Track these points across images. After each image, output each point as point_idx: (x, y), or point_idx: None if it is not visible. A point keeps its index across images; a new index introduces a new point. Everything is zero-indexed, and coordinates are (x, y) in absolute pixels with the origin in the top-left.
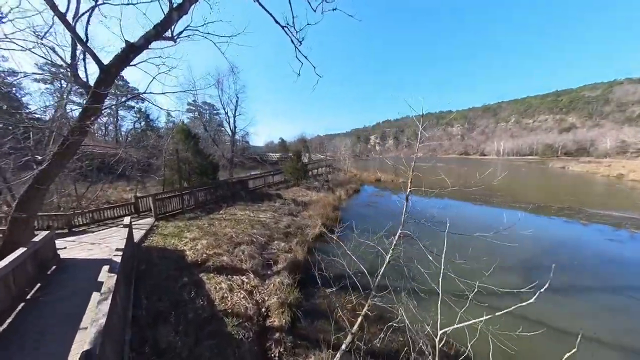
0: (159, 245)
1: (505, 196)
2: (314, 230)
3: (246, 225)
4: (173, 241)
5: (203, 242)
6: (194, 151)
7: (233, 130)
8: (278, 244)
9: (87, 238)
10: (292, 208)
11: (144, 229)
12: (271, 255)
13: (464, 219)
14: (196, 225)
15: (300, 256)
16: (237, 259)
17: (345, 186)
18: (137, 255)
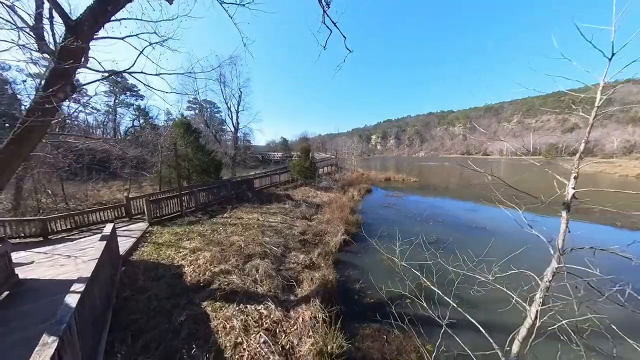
0: (151, 258)
1: (522, 198)
2: (336, 238)
3: (256, 232)
4: (169, 253)
5: (206, 254)
6: (195, 147)
7: (236, 126)
8: (296, 255)
9: (63, 249)
10: (305, 210)
11: (135, 236)
12: (291, 272)
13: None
14: (197, 231)
15: (329, 274)
16: (250, 278)
17: (356, 186)
18: (122, 275)
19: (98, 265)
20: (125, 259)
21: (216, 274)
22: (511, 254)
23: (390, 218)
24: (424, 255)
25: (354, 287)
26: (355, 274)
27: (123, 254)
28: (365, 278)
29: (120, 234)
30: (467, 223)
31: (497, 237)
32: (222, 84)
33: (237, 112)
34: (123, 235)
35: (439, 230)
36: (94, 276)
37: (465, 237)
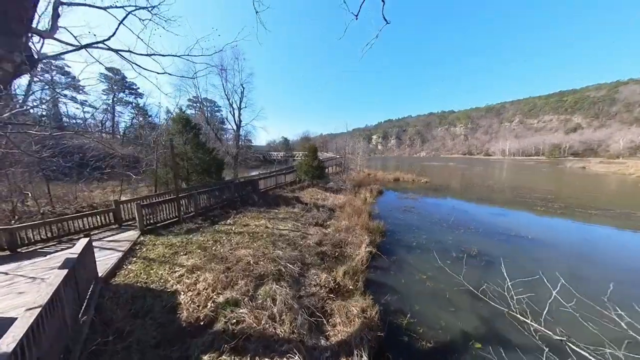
0: (139, 281)
1: (566, 201)
2: (361, 250)
3: (265, 242)
4: (161, 273)
5: (207, 276)
6: (194, 144)
7: (238, 124)
8: (317, 274)
9: (30, 267)
10: (317, 215)
11: (121, 249)
12: (315, 300)
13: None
14: (197, 242)
15: (367, 306)
16: (265, 314)
17: (366, 187)
18: (96, 308)
19: (48, 308)
20: (106, 282)
21: (221, 305)
22: (582, 271)
23: (414, 224)
24: (468, 272)
25: (400, 323)
26: (395, 301)
27: (103, 275)
28: (411, 308)
29: (103, 247)
30: (503, 231)
31: (551, 250)
32: (224, 79)
33: (239, 109)
34: (107, 248)
35: (475, 239)
36: (36, 327)
37: (511, 249)
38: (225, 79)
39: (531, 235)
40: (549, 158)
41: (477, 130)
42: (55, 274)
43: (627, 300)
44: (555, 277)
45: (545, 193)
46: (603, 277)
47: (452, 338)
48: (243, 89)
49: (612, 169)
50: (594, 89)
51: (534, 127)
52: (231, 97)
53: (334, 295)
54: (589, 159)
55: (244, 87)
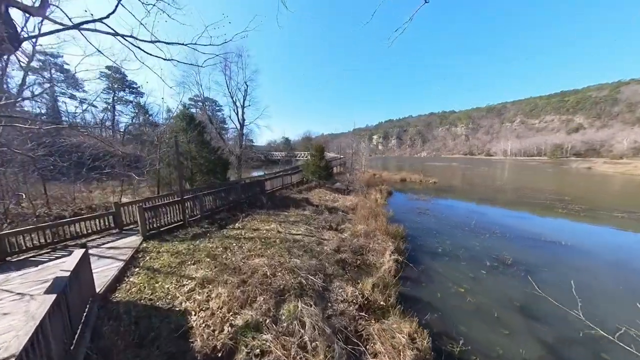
0: (142, 297)
1: (584, 203)
2: (386, 259)
3: (280, 250)
4: (167, 287)
5: (221, 291)
6: (199, 143)
7: (241, 122)
8: (342, 288)
9: (19, 280)
10: (329, 218)
11: (122, 258)
12: (345, 320)
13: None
14: (205, 249)
15: (412, 330)
16: (293, 341)
17: (374, 187)
18: (94, 335)
19: (25, 355)
20: (105, 299)
21: (240, 330)
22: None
23: (433, 227)
24: (510, 283)
25: (451, 351)
26: (437, 322)
27: (101, 291)
28: (457, 330)
29: (102, 255)
30: (531, 236)
31: (591, 258)
32: (228, 77)
33: (242, 107)
34: (106, 256)
35: (504, 245)
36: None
37: (547, 258)
38: (229, 76)
39: (564, 241)
40: (551, 158)
41: (478, 131)
42: (40, 301)
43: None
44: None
45: (560, 194)
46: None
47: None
48: (247, 87)
49: (619, 169)
50: (596, 88)
51: (536, 127)
52: (235, 95)
53: (366, 314)
54: (593, 159)
55: (247, 85)
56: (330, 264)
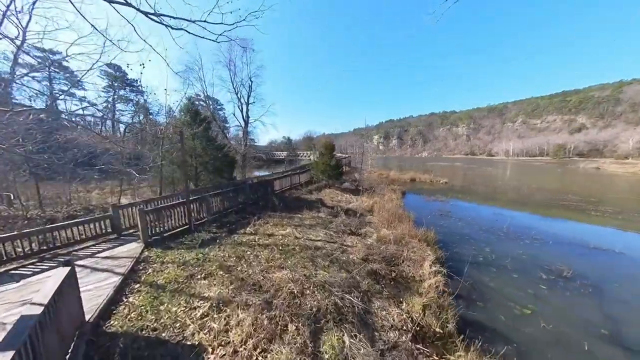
0: (145, 326)
1: (614, 205)
2: (424, 270)
3: (302, 259)
4: (175, 310)
5: (242, 316)
6: (204, 139)
7: (246, 120)
8: (385, 308)
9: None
10: (347, 221)
11: (120, 271)
12: (401, 357)
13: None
14: (216, 259)
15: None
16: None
17: (385, 187)
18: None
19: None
20: (97, 330)
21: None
22: None
23: (463, 232)
24: (583, 303)
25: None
26: (516, 358)
27: (92, 319)
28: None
29: (96, 268)
30: (576, 242)
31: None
32: (232, 73)
33: (247, 104)
34: (101, 268)
35: (551, 254)
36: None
37: (609, 270)
38: (234, 72)
39: (617, 249)
40: (554, 159)
41: (479, 131)
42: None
43: None
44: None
45: (582, 196)
46: None
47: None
48: (251, 83)
49: (629, 169)
50: (598, 88)
51: (537, 127)
52: (239, 91)
53: (423, 346)
54: (597, 159)
55: (252, 81)
56: (362, 276)
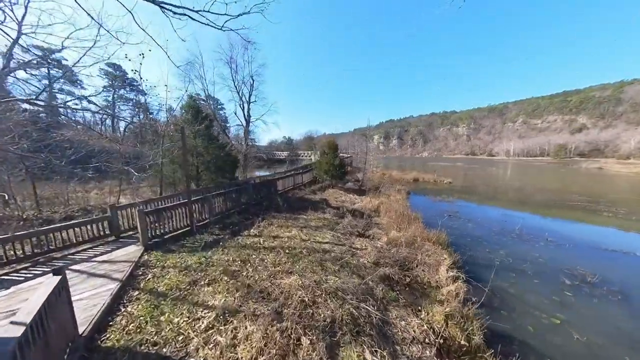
0: (144, 340)
1: (627, 206)
2: (440, 274)
3: (310, 264)
4: (177, 321)
5: (251, 329)
6: (206, 137)
7: (247, 119)
8: (404, 318)
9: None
10: (353, 222)
11: (117, 277)
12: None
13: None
14: (220, 263)
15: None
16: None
17: (388, 187)
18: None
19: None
20: (90, 345)
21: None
22: None
23: (475, 234)
24: (606, 309)
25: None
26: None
27: (86, 332)
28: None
29: (93, 273)
30: (594, 245)
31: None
32: (234, 71)
33: (248, 102)
34: (98, 274)
35: (570, 257)
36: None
37: (635, 275)
38: (235, 70)
39: (639, 252)
40: (555, 159)
41: (479, 131)
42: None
43: None
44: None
45: (591, 196)
46: None
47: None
48: (253, 82)
49: (632, 169)
50: (599, 88)
51: (538, 127)
52: (240, 89)
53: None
54: (598, 159)
55: (253, 79)
56: (375, 282)
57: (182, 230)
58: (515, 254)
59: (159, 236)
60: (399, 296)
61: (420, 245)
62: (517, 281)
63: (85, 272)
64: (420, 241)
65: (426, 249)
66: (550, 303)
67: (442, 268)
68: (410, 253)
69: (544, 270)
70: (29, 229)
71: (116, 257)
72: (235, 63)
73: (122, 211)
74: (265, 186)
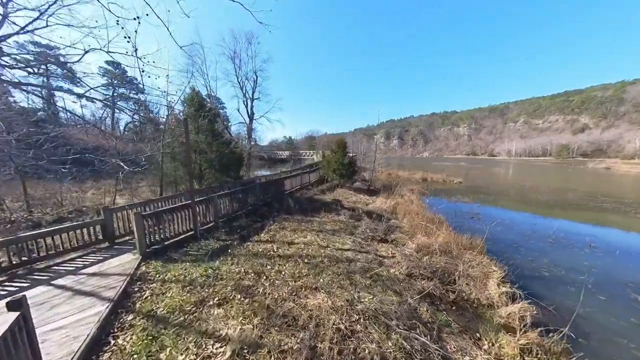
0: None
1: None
2: (492, 290)
3: (335, 275)
4: (182, 359)
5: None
6: (210, 133)
7: (250, 116)
8: (466, 350)
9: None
10: (372, 225)
11: (108, 296)
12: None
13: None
14: (230, 276)
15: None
16: None
17: (399, 187)
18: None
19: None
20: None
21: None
22: None
23: (507, 239)
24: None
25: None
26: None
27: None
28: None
29: (79, 290)
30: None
31: None
32: (237, 67)
33: (252, 99)
34: (84, 291)
35: (625, 266)
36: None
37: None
38: (239, 65)
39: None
40: (558, 159)
41: (480, 131)
42: None
43: None
44: None
45: (614, 197)
46: None
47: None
48: (256, 77)
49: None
50: (600, 88)
51: (540, 127)
52: (244, 85)
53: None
54: (602, 159)
55: (257, 75)
56: (415, 301)
57: (185, 235)
58: (562, 263)
59: (159, 242)
60: (449, 319)
61: (459, 253)
62: (578, 297)
63: (70, 288)
64: (458, 249)
65: (468, 259)
66: (630, 327)
67: (491, 282)
68: (448, 263)
69: (604, 283)
70: (17, 232)
71: (109, 268)
72: (239, 58)
73: (117, 213)
74: (273, 186)
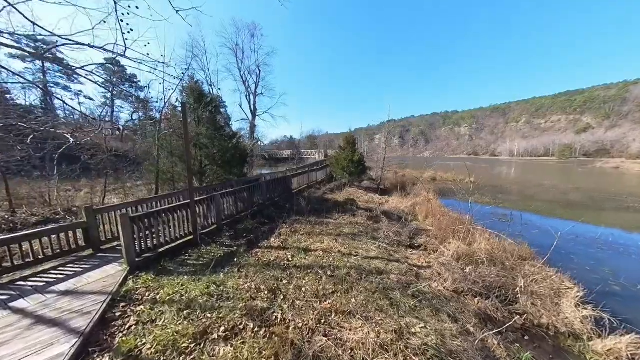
0: None
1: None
2: (567, 313)
3: (369, 293)
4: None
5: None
6: (211, 125)
7: (253, 112)
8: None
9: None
10: (393, 228)
11: (80, 324)
12: None
13: None
14: (238, 294)
15: None
16: None
17: (409, 186)
18: None
19: None
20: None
21: None
22: None
23: (549, 244)
24: None
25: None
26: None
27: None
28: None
29: (42, 317)
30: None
31: None
32: (240, 61)
33: (254, 94)
34: (50, 318)
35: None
36: None
37: None
38: (241, 59)
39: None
40: (561, 158)
41: (482, 131)
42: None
43: None
44: None
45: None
46: None
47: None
48: (259, 72)
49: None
50: (603, 88)
51: (542, 127)
52: (246, 80)
53: None
54: (606, 159)
55: (260, 70)
56: (476, 328)
57: (183, 240)
58: (629, 274)
59: (151, 250)
60: (532, 356)
61: (515, 264)
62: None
63: (31, 313)
64: (513, 259)
65: (529, 271)
66: None
67: (565, 302)
68: (500, 276)
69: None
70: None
71: (87, 284)
72: (241, 50)
73: (103, 215)
74: (280, 184)
